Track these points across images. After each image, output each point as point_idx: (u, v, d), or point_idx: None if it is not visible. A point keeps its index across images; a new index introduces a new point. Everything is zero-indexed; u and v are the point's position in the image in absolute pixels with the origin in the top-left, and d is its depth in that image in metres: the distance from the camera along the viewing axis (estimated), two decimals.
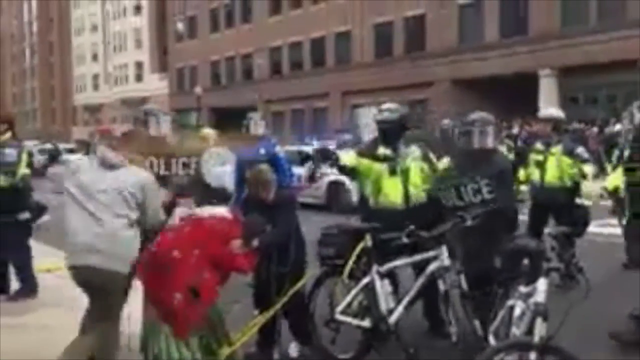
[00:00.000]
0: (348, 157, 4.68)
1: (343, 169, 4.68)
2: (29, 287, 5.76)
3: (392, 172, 4.44)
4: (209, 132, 8.04)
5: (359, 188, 4.93)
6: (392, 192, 4.45)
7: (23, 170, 5.79)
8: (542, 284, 2.92)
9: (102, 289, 3.53)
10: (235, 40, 38.49)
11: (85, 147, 33.86)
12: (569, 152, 5.97)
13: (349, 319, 4.12)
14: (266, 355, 4.28)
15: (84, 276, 3.53)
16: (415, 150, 4.55)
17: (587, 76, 21.70)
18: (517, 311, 3.13)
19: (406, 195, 4.43)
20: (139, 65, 50.70)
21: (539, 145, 6.15)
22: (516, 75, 23.03)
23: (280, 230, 4.15)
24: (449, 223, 3.89)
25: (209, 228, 3.73)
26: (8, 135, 5.80)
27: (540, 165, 6.03)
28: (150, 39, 48.68)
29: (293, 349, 4.36)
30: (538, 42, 22.85)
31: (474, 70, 24.92)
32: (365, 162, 4.56)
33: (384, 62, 29.13)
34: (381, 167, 4.48)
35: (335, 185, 12.34)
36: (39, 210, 6.00)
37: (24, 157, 5.86)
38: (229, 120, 7.35)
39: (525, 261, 3.21)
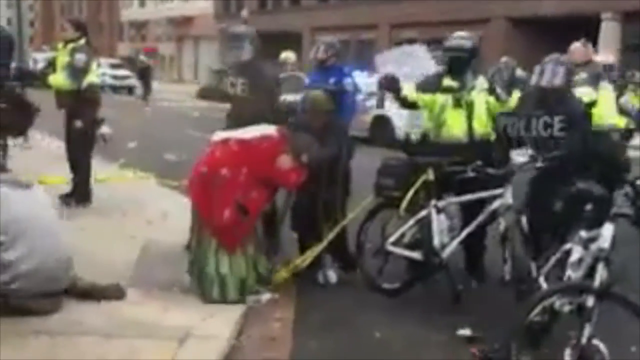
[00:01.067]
0: (409, 90, 4.62)
1: (404, 102, 4.63)
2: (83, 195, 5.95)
3: (457, 104, 4.35)
4: (288, 55, 7.97)
5: (408, 124, 4.93)
6: (455, 125, 4.37)
7: (91, 78, 5.91)
8: (607, 229, 2.90)
9: None
10: None
11: (130, 63, 34.25)
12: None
13: (400, 250, 4.20)
14: (311, 278, 4.40)
15: None
16: (483, 83, 4.44)
17: None
18: (575, 256, 3.12)
19: (470, 129, 4.34)
20: None
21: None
22: (576, 16, 21.99)
23: (329, 151, 4.18)
24: (519, 162, 3.87)
25: (256, 148, 3.89)
26: (82, 41, 5.91)
27: None
28: None
29: (332, 275, 4.48)
30: None
31: (532, 9, 23.85)
32: (426, 97, 4.48)
33: None
34: (445, 99, 4.39)
35: (380, 119, 12.34)
36: (98, 121, 6.13)
37: (93, 66, 5.97)
38: (274, 45, 7.25)
39: (588, 206, 3.19)
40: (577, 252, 3.16)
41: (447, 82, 4.43)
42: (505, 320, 3.12)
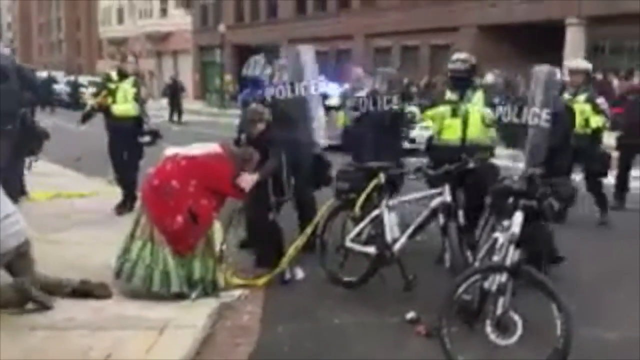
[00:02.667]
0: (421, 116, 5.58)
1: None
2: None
3: (454, 114, 5.14)
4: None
5: None
6: (452, 131, 5.15)
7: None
8: (517, 217, 3.42)
9: None
10: None
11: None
12: (591, 100, 6.53)
13: (357, 246, 4.70)
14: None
15: None
16: (479, 97, 5.18)
17: (615, 26, 21.41)
18: (500, 242, 3.63)
19: (463, 134, 5.10)
20: None
21: (566, 95, 6.47)
22: (543, 22, 22.79)
23: (271, 163, 4.73)
24: (454, 164, 4.39)
25: (203, 161, 4.35)
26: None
27: None
28: None
29: (298, 272, 4.96)
30: None
31: (501, 17, 24.61)
32: (430, 112, 5.37)
33: (410, 5, 28.77)
34: (445, 109, 5.21)
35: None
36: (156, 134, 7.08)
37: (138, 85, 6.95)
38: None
39: (510, 199, 3.70)
40: (501, 239, 3.66)
41: (448, 95, 5.28)
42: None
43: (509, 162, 4.96)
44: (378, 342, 3.92)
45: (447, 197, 4.25)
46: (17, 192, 6.26)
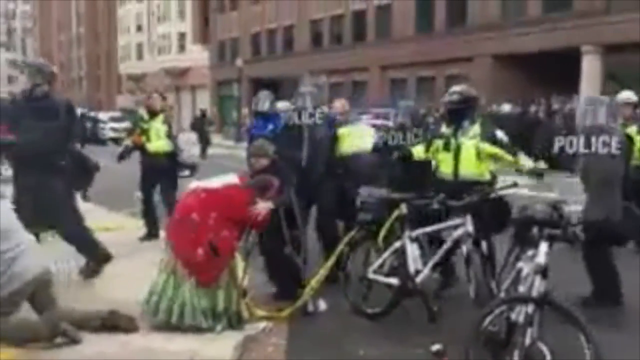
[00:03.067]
0: (418, 152, 5.43)
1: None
2: None
3: (445, 148, 5.08)
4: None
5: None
6: (445, 165, 5.09)
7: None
8: (542, 246, 3.42)
9: None
10: (276, 12, 38.82)
11: (129, 114, 35.19)
12: None
13: (380, 277, 4.71)
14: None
15: None
16: (475, 129, 5.05)
17: (632, 54, 21.41)
18: (524, 272, 3.63)
19: (455, 169, 5.00)
20: (181, 35, 51.50)
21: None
22: (558, 51, 22.86)
23: (284, 193, 4.76)
24: (475, 195, 4.41)
25: (223, 193, 4.40)
26: None
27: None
28: (192, 9, 49.30)
29: (321, 304, 4.96)
30: (582, 18, 22.58)
31: (516, 46, 24.73)
32: (421, 148, 5.37)
33: (425, 36, 29.10)
34: (438, 143, 5.17)
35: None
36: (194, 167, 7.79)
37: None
38: (272, 91, 7.93)
39: (535, 229, 3.70)
40: (526, 269, 3.67)
41: (443, 128, 5.23)
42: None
43: (533, 192, 4.97)
44: None
45: (470, 227, 4.26)
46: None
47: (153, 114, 7.36)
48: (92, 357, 3.78)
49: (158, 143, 7.25)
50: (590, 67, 22.74)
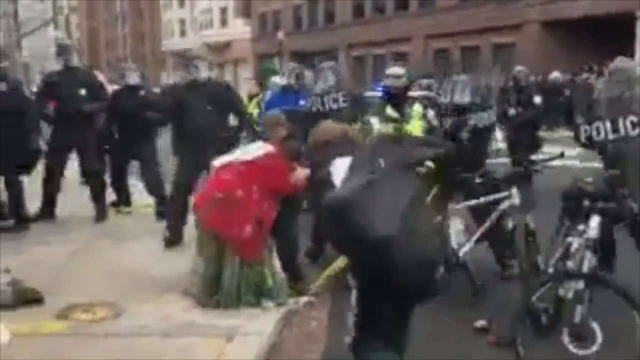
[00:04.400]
0: (377, 124, 5.00)
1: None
2: None
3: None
4: None
5: None
6: None
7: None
8: (593, 221, 3.27)
9: None
10: None
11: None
12: None
13: None
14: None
15: None
16: (417, 110, 4.97)
17: None
18: (574, 246, 3.48)
19: None
20: (223, 10, 51.53)
21: None
22: (611, 15, 21.87)
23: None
24: (521, 167, 4.24)
25: (261, 164, 4.26)
26: None
27: None
28: None
29: None
30: None
31: (566, 11, 23.76)
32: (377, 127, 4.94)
33: (470, 4, 28.28)
34: (387, 129, 4.86)
35: None
36: None
37: None
38: (311, 64, 7.84)
39: (586, 202, 3.53)
40: (576, 243, 3.51)
41: (389, 112, 4.96)
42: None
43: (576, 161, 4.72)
44: (448, 350, 3.82)
45: (516, 200, 4.11)
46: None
47: (249, 98, 7.70)
48: (134, 331, 3.83)
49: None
50: None
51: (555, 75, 18.84)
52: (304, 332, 4.10)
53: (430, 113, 5.00)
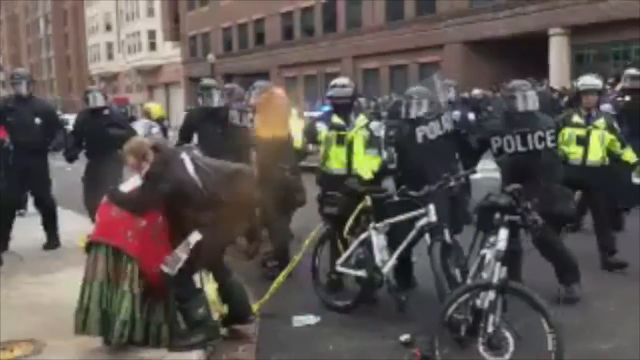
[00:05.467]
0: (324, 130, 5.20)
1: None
2: None
3: (339, 142, 5.06)
4: None
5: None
6: (336, 160, 5.08)
7: None
8: (502, 233, 3.44)
9: None
10: (247, 6, 38.55)
11: None
12: (610, 128, 5.50)
13: (347, 270, 4.70)
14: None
15: None
16: (362, 120, 5.13)
17: (599, 34, 21.66)
18: (487, 258, 3.63)
19: (349, 163, 5.03)
20: (151, 33, 50.94)
21: (577, 118, 5.49)
22: (527, 35, 23.06)
23: None
24: (435, 185, 4.39)
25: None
26: None
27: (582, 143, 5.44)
28: (162, 7, 48.75)
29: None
30: (548, 0, 22.77)
31: (485, 32, 24.89)
32: (324, 133, 5.16)
33: (395, 25, 29.12)
34: (331, 135, 5.10)
35: None
36: None
37: None
38: (243, 86, 7.97)
39: (497, 215, 3.70)
40: (488, 255, 3.67)
41: (336, 119, 5.15)
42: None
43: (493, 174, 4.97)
44: None
45: (432, 217, 4.26)
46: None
47: None
48: None
49: None
50: (558, 49, 22.95)
51: (476, 92, 19.64)
52: (232, 358, 4.07)
53: (375, 124, 5.15)
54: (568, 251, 4.81)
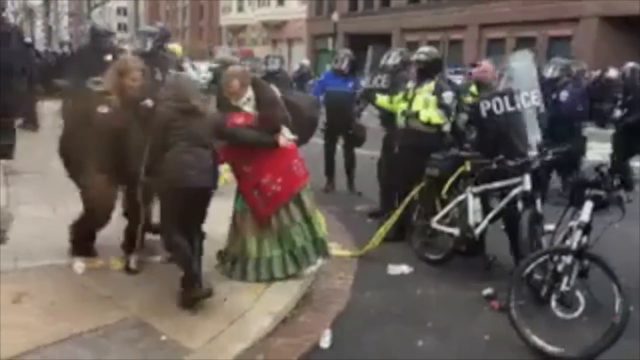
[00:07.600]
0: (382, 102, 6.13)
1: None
2: None
3: (404, 98, 5.72)
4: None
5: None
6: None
7: None
8: (587, 206, 3.73)
9: None
10: None
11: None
12: None
13: (442, 227, 5.14)
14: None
15: None
16: (430, 85, 5.58)
17: None
18: (573, 228, 3.93)
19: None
20: None
21: None
22: None
23: None
24: (534, 154, 4.67)
25: None
26: None
27: None
28: None
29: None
30: None
31: (627, 7, 23.35)
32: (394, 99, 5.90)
33: None
34: (398, 96, 5.82)
35: None
36: None
37: None
38: (363, 47, 8.26)
39: (587, 190, 3.97)
40: (574, 225, 3.97)
41: (410, 84, 5.80)
42: None
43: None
44: (455, 312, 4.35)
45: (527, 186, 4.57)
46: None
47: None
48: None
49: None
50: None
51: (612, 73, 18.58)
52: (330, 288, 4.69)
53: (448, 93, 5.54)
54: None
